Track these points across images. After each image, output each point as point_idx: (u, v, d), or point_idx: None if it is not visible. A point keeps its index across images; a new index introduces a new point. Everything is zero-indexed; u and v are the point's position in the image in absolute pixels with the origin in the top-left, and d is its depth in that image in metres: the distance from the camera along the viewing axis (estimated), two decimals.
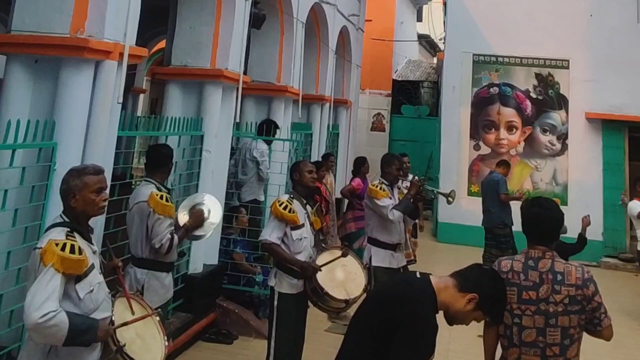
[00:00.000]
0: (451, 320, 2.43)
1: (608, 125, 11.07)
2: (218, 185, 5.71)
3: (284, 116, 7.65)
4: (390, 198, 5.26)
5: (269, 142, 6.76)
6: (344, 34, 11.02)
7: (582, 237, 6.08)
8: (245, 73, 6.57)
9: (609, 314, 2.78)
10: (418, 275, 2.48)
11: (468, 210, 10.69)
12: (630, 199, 7.87)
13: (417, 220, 6.77)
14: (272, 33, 7.82)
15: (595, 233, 9.57)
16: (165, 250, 3.73)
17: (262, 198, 6.55)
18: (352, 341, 2.44)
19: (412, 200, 5.26)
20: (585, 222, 6.21)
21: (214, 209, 4.17)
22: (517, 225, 4.98)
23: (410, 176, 6.17)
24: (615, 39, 11.33)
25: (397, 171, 5.50)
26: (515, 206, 4.86)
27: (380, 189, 5.24)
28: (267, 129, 6.71)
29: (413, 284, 2.43)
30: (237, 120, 6.42)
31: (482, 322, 2.71)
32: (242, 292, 5.76)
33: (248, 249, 5.98)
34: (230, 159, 6.38)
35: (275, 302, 4.12)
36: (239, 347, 5.25)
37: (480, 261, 7.22)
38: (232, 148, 6.57)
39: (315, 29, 9.46)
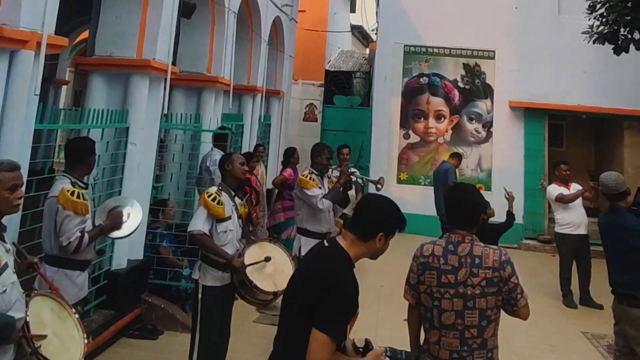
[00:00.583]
0: (373, 258, 2.59)
1: (530, 113, 11.61)
2: (144, 179, 5.61)
3: (214, 107, 7.60)
4: (320, 187, 5.33)
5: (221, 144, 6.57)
6: (276, 24, 11.00)
7: (510, 214, 6.46)
8: (174, 63, 6.45)
9: (526, 293, 2.87)
10: (327, 244, 2.55)
11: (397, 197, 10.83)
12: (549, 183, 8.29)
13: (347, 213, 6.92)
14: (203, 23, 7.72)
15: (516, 216, 10.06)
16: (73, 248, 3.59)
17: None
18: (284, 323, 2.51)
19: (341, 188, 5.35)
20: (510, 197, 6.59)
21: (134, 213, 4.07)
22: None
23: (353, 168, 6.26)
24: (538, 30, 11.86)
25: (326, 160, 5.56)
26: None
27: (310, 178, 5.29)
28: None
29: (327, 253, 2.50)
30: (165, 112, 6.31)
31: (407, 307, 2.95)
32: (169, 287, 5.69)
33: (175, 242, 5.90)
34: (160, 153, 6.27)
35: (200, 295, 4.08)
36: (165, 342, 5.20)
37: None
38: (161, 140, 6.46)
39: (247, 19, 9.40)
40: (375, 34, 14.24)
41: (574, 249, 7.39)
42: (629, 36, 8.25)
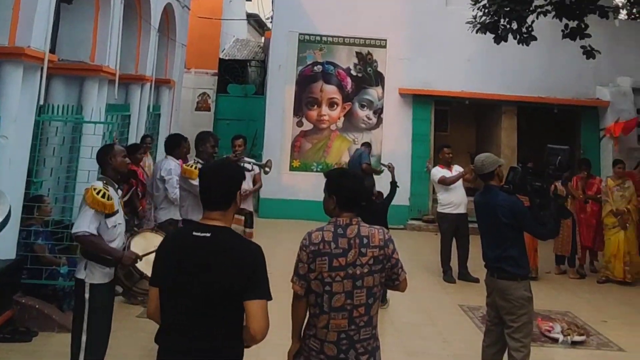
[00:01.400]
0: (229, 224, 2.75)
1: (418, 100, 12.13)
2: (17, 175, 5.31)
3: (97, 97, 7.29)
4: None
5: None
6: (168, 11, 10.71)
7: (393, 183, 6.96)
8: (52, 51, 6.12)
9: (404, 268, 3.03)
10: (208, 234, 2.56)
11: (289, 185, 11.17)
12: (434, 166, 8.73)
13: (251, 210, 6.94)
14: (86, 8, 7.36)
15: (403, 199, 10.53)
16: None
17: (177, 217, 5.85)
18: (212, 322, 2.49)
19: None
20: (391, 168, 7.33)
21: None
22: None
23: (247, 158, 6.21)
24: (428, 20, 12.37)
25: (212, 149, 5.50)
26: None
27: (195, 168, 5.23)
28: (174, 143, 6.24)
29: (227, 238, 2.60)
30: (42, 103, 6.00)
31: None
32: (45, 286, 5.42)
33: (52, 239, 5.64)
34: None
35: (87, 295, 3.91)
36: (39, 344, 4.99)
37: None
38: (40, 133, 6.13)
39: (135, 5, 9.08)
40: (271, 22, 14.23)
41: (454, 227, 7.85)
42: (508, 26, 8.76)
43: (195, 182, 5.12)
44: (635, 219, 8.41)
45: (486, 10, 8.89)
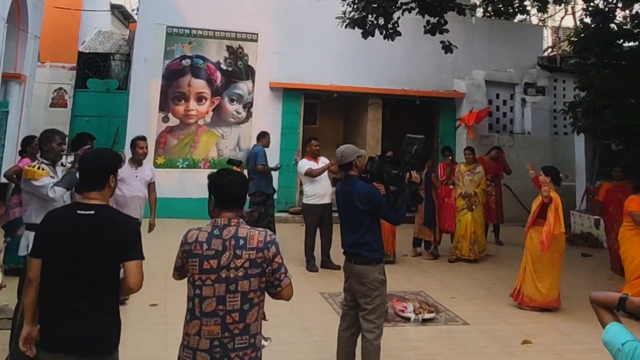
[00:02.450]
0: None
1: (288, 93, 12.26)
2: None
3: None
4: (53, 177, 4.99)
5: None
6: (19, 0, 9.91)
7: None
8: None
9: (290, 273, 2.92)
10: (92, 211, 2.94)
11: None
12: (302, 159, 8.88)
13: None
14: None
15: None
16: None
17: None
18: (92, 291, 2.87)
19: (77, 173, 5.07)
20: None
21: None
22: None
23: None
24: (300, 15, 12.47)
25: (58, 147, 5.20)
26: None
27: (39, 168, 4.92)
28: (80, 142, 5.65)
29: (106, 213, 3.01)
30: None
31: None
32: None
33: None
34: None
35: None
36: None
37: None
38: None
39: None
40: (136, 14, 13.67)
41: (318, 217, 8.05)
42: (375, 22, 9.05)
43: (39, 183, 4.81)
44: (482, 201, 9.11)
45: (355, 6, 9.14)
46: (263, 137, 9.21)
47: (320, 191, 8.08)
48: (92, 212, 2.92)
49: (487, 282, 7.69)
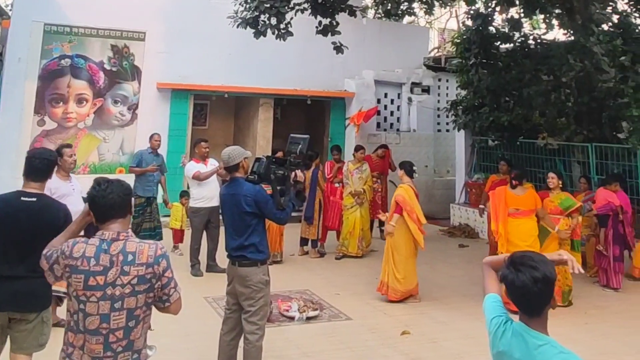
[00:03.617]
0: None
1: (177, 94, 11.96)
2: None
3: None
4: None
5: None
6: None
7: None
8: None
9: (180, 287, 2.81)
10: (34, 198, 3.83)
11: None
12: (190, 161, 8.69)
13: None
14: None
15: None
16: None
17: None
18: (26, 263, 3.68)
19: None
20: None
21: None
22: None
23: None
24: (190, 13, 12.17)
25: None
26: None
27: None
28: None
29: (43, 198, 3.91)
30: None
31: None
32: None
33: None
34: None
35: None
36: None
37: None
38: None
39: None
40: (10, 9, 12.80)
41: (205, 220, 7.93)
42: (268, 22, 9.01)
43: None
44: (369, 198, 9.38)
45: (247, 6, 9.06)
46: (150, 138, 9.01)
47: (208, 194, 7.96)
48: (35, 199, 3.80)
49: (370, 277, 7.93)
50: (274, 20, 9.04)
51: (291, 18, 9.19)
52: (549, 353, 2.20)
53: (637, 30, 10.61)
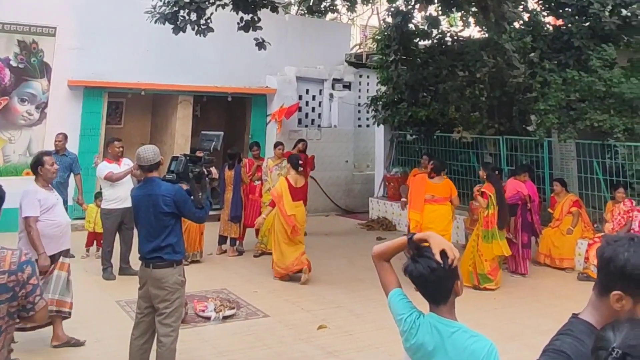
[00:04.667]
0: None
1: (90, 92, 11.47)
2: None
3: None
4: None
5: None
6: None
7: None
8: None
9: (46, 296, 2.69)
10: None
11: None
12: (102, 161, 8.38)
13: None
14: None
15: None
16: None
17: None
18: None
19: None
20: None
21: None
22: None
23: None
24: (103, 8, 11.66)
25: None
26: None
27: None
28: None
29: None
30: None
31: None
32: None
33: None
34: None
35: None
36: None
37: None
38: None
39: None
40: None
41: (118, 222, 7.68)
42: (187, 17, 8.78)
43: None
44: None
45: (166, 1, 8.79)
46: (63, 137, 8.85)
47: (121, 195, 7.67)
48: None
49: None
50: (193, 16, 8.85)
51: (211, 14, 9.03)
52: (461, 338, 2.26)
53: (545, 28, 11.19)
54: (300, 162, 8.22)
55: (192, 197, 4.63)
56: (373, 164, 13.53)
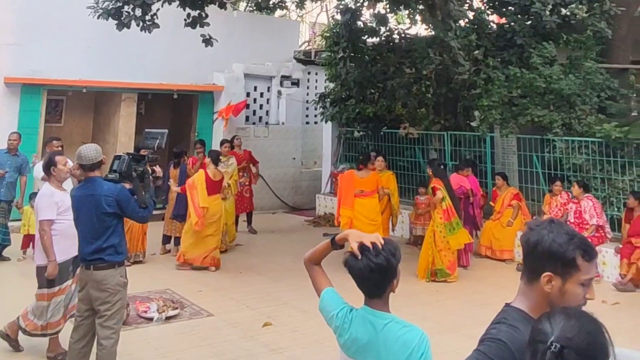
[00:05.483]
0: None
1: (27, 90, 11.07)
2: None
3: None
4: None
5: None
6: None
7: None
8: None
9: None
10: None
11: None
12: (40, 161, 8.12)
13: None
14: None
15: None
16: None
17: None
18: None
19: None
20: None
21: None
22: None
23: None
24: (42, 2, 11.27)
25: None
26: None
27: None
28: None
29: None
30: None
31: None
32: None
33: None
34: None
35: None
36: None
37: None
38: None
39: None
40: None
41: None
42: (132, 13, 8.54)
43: None
44: (234, 192, 9.33)
45: None
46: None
47: None
48: None
49: (234, 272, 7.91)
50: (138, 12, 8.62)
51: (157, 9, 8.82)
52: (394, 329, 2.31)
53: (489, 27, 11.47)
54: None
55: (135, 197, 4.57)
56: (320, 161, 13.58)
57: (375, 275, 2.30)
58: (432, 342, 2.27)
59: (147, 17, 8.69)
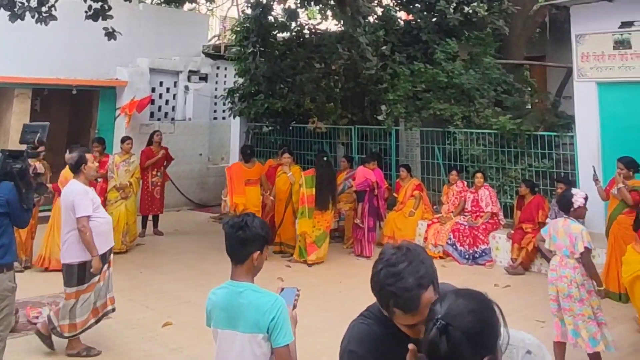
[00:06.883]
0: None
1: None
2: None
3: None
4: None
5: None
6: None
7: None
8: None
9: None
10: None
11: None
12: None
13: None
14: None
15: None
16: None
17: None
18: None
19: None
20: None
21: None
22: None
23: None
24: None
25: None
26: None
27: None
28: None
29: None
30: None
31: None
32: None
33: None
34: None
35: None
36: None
37: None
38: None
39: None
40: None
41: None
42: (26, 4, 8.02)
43: None
44: (135, 190, 9.06)
45: None
46: None
47: None
48: None
49: (134, 272, 7.68)
50: (34, 3, 8.15)
51: (56, 0, 8.35)
52: (248, 295, 2.63)
53: (397, 23, 11.77)
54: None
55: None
56: (228, 157, 13.43)
57: (240, 236, 2.65)
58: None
59: (44, 9, 8.23)
